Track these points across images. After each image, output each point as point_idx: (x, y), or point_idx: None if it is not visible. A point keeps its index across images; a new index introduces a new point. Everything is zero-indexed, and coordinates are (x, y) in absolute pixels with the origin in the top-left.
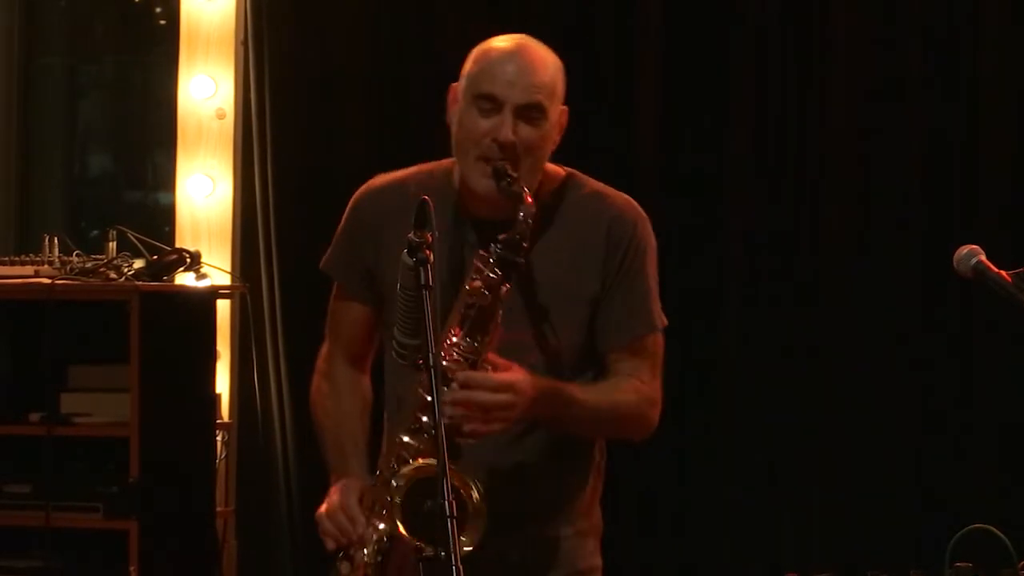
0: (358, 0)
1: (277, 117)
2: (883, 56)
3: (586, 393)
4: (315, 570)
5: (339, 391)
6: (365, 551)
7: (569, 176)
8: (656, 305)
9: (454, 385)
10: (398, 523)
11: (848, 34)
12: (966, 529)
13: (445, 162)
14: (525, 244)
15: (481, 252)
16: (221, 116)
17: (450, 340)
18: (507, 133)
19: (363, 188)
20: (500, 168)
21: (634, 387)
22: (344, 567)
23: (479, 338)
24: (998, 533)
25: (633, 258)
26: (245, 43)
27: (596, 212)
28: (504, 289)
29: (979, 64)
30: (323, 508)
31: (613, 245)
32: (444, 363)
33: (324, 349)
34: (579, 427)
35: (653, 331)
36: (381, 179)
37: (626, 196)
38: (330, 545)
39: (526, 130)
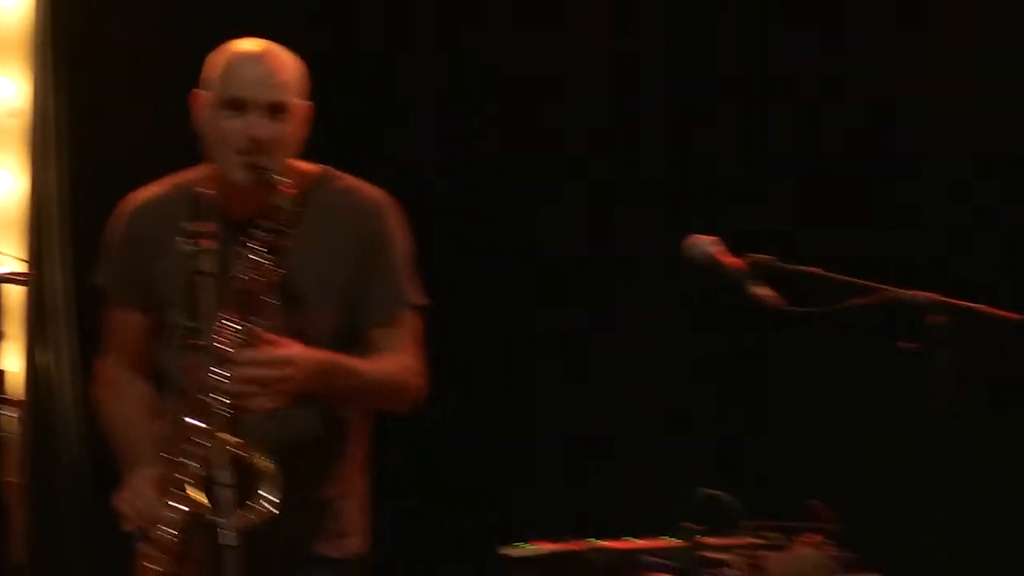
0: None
1: (72, 112)
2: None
3: (360, 364)
4: (107, 545)
5: (122, 395)
6: (167, 530)
7: (324, 172)
8: (411, 285)
9: (234, 366)
10: (200, 496)
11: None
12: (695, 492)
13: (197, 169)
14: (287, 229)
15: (248, 240)
16: (15, 115)
17: (226, 325)
18: (258, 130)
19: (125, 204)
20: (255, 162)
21: (400, 359)
22: (145, 547)
23: (254, 320)
24: (725, 497)
25: (385, 244)
26: (40, 42)
27: (350, 204)
28: (273, 272)
29: None
30: (120, 493)
31: (366, 234)
32: (223, 347)
33: (104, 360)
34: (355, 398)
35: (410, 308)
36: (141, 194)
37: (378, 189)
38: (128, 527)
39: (275, 127)
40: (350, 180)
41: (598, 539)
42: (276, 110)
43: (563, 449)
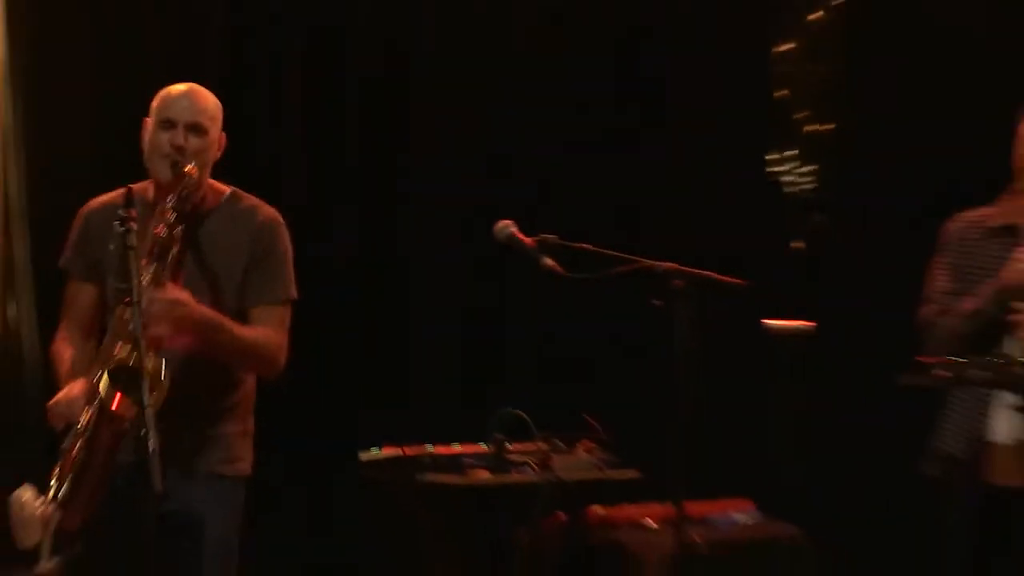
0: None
1: (28, 125)
2: None
3: (236, 327)
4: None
5: (72, 348)
6: (80, 422)
7: (232, 192)
8: (289, 284)
9: (145, 299)
10: (105, 378)
11: None
12: (499, 411)
13: (141, 183)
14: (192, 198)
15: (161, 205)
16: None
17: (142, 266)
18: (179, 139)
19: (87, 206)
20: (175, 159)
21: (270, 334)
22: (67, 440)
23: (162, 266)
24: (523, 415)
25: (270, 249)
26: (5, 67)
27: (250, 217)
28: (179, 230)
29: None
30: (52, 400)
31: (258, 240)
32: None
33: (61, 326)
34: (228, 352)
35: (284, 299)
36: (100, 200)
37: (273, 209)
38: (56, 424)
39: (193, 140)
40: (253, 200)
41: (431, 446)
42: (195, 129)
43: (409, 383)
